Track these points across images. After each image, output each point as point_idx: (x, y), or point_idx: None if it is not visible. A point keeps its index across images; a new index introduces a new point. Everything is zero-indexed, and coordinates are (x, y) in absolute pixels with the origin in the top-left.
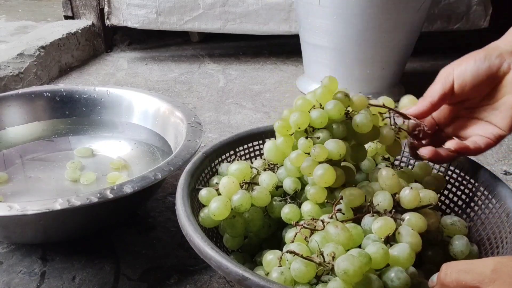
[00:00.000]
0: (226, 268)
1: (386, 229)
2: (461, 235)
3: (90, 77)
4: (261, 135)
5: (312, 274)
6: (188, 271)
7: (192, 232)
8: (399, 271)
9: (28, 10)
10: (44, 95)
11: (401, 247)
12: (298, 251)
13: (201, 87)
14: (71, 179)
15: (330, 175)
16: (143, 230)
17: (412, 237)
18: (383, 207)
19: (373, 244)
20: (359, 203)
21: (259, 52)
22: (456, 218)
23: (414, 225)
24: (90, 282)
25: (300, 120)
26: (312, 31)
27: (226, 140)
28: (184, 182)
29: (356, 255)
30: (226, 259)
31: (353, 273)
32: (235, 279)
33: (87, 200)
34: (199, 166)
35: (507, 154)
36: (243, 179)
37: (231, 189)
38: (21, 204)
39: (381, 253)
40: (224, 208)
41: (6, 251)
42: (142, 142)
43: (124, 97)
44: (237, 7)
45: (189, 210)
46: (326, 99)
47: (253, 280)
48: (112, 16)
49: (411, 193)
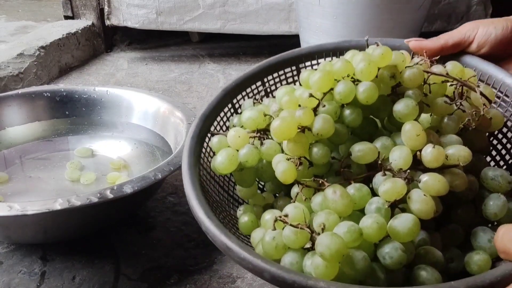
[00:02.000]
0: (214, 236)
1: (393, 193)
2: (498, 194)
3: (90, 77)
4: (294, 60)
5: (303, 241)
6: (188, 271)
7: (190, 191)
8: (394, 248)
9: (28, 10)
10: (44, 95)
11: (403, 219)
12: (294, 214)
13: (201, 87)
14: (71, 179)
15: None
16: (143, 230)
17: (422, 203)
18: (398, 166)
19: (369, 216)
20: (371, 159)
21: (259, 52)
22: (500, 171)
23: (431, 188)
24: (90, 282)
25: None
26: (312, 31)
27: (251, 71)
28: (196, 125)
29: (344, 230)
30: (215, 226)
31: (330, 257)
32: (220, 248)
33: (87, 200)
34: (216, 106)
35: None
36: (256, 127)
37: (238, 143)
38: (21, 204)
39: (375, 228)
40: (229, 163)
41: (6, 251)
42: (142, 142)
43: (124, 97)
44: (237, 7)
45: (193, 160)
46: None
47: (236, 252)
48: (112, 16)
49: (433, 150)
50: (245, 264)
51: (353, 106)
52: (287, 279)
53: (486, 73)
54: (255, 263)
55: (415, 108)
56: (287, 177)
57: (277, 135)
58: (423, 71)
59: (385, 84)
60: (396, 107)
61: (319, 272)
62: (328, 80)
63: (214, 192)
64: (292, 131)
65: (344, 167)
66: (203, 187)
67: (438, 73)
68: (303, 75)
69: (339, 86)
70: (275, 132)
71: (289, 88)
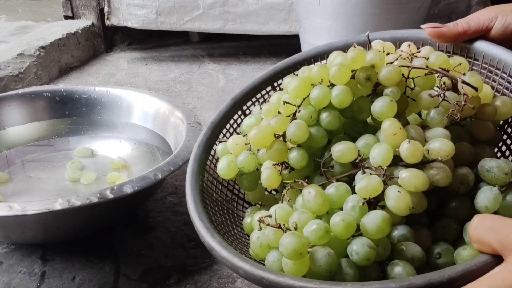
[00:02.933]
0: (201, 235)
1: (367, 190)
2: (490, 187)
3: (90, 77)
4: (303, 63)
5: None
6: (188, 271)
7: (189, 194)
8: (361, 244)
9: (28, 10)
10: (44, 95)
11: (372, 216)
12: (278, 214)
13: (201, 87)
14: (71, 179)
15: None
16: (143, 230)
17: (396, 200)
18: (377, 163)
19: (338, 214)
20: (351, 158)
21: (259, 52)
22: (496, 162)
23: (408, 184)
24: (90, 282)
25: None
26: (312, 31)
27: (259, 78)
28: (204, 134)
29: (312, 228)
30: (204, 227)
31: (288, 256)
32: (207, 247)
33: (87, 200)
34: (224, 116)
35: None
36: None
37: (236, 150)
38: (21, 204)
39: (341, 225)
40: (228, 169)
41: (6, 251)
42: (142, 142)
43: (124, 97)
44: (237, 7)
45: (197, 167)
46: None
47: (219, 252)
48: (112, 16)
49: (409, 146)
50: (224, 262)
51: (330, 109)
52: (256, 275)
53: (495, 58)
54: (232, 261)
55: (391, 105)
56: (270, 183)
57: (254, 143)
58: (402, 66)
59: (362, 85)
60: (373, 107)
61: (288, 269)
62: (304, 87)
63: (221, 196)
64: (269, 139)
65: (328, 167)
66: (204, 192)
67: (417, 67)
68: (285, 81)
69: (314, 91)
70: (252, 141)
71: (281, 94)
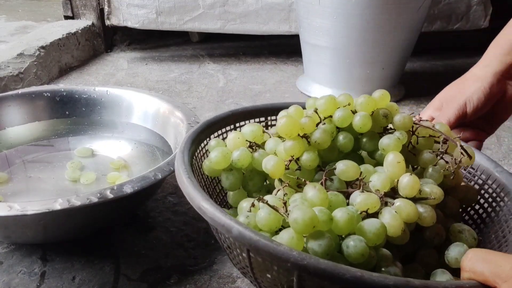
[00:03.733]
0: (192, 197)
1: (366, 203)
2: (461, 243)
3: (90, 77)
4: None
5: (274, 223)
6: (188, 271)
7: (179, 164)
8: (359, 239)
9: (28, 10)
10: (44, 95)
11: (372, 221)
12: (273, 201)
13: (201, 87)
14: (71, 179)
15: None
16: (143, 230)
17: (392, 218)
18: (375, 187)
19: (341, 209)
20: (354, 176)
21: (259, 52)
22: (467, 227)
23: (401, 211)
24: (90, 282)
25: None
26: (312, 31)
27: (259, 106)
28: (198, 127)
29: (316, 211)
30: (195, 188)
31: (302, 222)
32: (196, 207)
33: (87, 200)
34: (221, 120)
35: (507, 154)
36: (253, 140)
37: (235, 144)
38: (21, 204)
39: (345, 218)
40: (222, 158)
41: (6, 251)
42: (142, 142)
43: (124, 97)
44: (237, 7)
45: (188, 149)
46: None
47: (209, 210)
48: (112, 16)
49: (410, 178)
50: (217, 223)
51: (347, 133)
52: (252, 237)
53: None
54: (224, 222)
55: (398, 142)
56: (275, 170)
57: (281, 131)
58: (412, 120)
59: (378, 122)
60: (381, 141)
61: (284, 243)
62: (332, 105)
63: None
64: (295, 132)
65: (327, 178)
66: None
67: (425, 125)
68: (309, 102)
69: (338, 111)
70: (280, 128)
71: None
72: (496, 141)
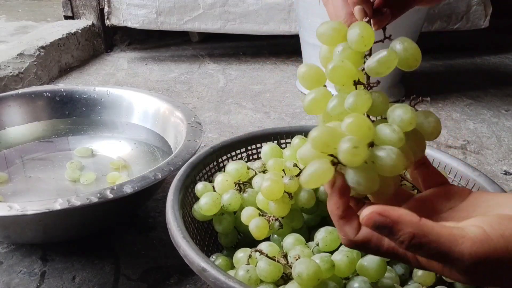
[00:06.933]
0: (191, 258)
1: None
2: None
3: (90, 77)
4: (276, 135)
5: (276, 273)
6: (188, 271)
7: (171, 219)
8: (363, 281)
9: (28, 10)
10: (44, 95)
11: (372, 257)
12: (268, 251)
13: (201, 87)
14: (71, 179)
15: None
16: (143, 230)
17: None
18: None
19: (340, 252)
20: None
21: (259, 52)
22: None
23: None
24: (90, 282)
25: None
26: (312, 31)
27: (238, 137)
28: (183, 172)
29: (317, 259)
30: (192, 250)
31: (307, 277)
32: (196, 270)
33: (87, 200)
34: (203, 159)
35: (507, 154)
36: (239, 178)
37: (224, 187)
38: (21, 204)
39: (345, 261)
40: (212, 204)
41: (6, 251)
42: (142, 142)
43: (124, 97)
44: (237, 7)
45: (178, 199)
46: None
47: (211, 273)
48: (112, 16)
49: None
50: (219, 284)
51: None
52: None
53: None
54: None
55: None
56: (260, 233)
57: (266, 195)
58: None
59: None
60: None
61: None
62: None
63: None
64: (279, 193)
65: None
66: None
67: None
68: (294, 141)
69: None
70: (264, 192)
71: (273, 147)
72: (496, 141)
